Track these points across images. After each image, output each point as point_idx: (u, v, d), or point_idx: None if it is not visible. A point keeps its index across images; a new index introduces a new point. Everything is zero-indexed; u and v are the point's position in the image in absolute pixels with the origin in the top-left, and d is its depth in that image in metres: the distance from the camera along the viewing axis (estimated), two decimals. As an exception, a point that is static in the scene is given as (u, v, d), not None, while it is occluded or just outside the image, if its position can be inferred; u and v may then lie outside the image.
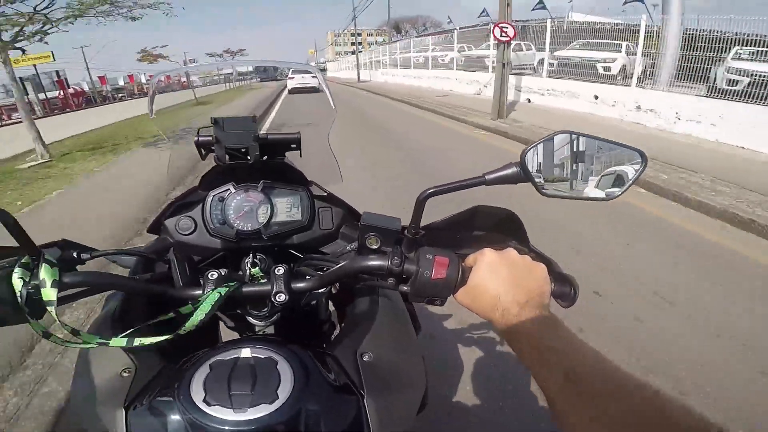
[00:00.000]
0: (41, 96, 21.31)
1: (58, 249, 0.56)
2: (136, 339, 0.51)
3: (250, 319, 0.64)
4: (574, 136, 0.52)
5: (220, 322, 0.77)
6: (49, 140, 7.37)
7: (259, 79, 50.46)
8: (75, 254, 0.57)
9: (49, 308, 0.47)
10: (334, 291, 0.78)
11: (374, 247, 0.56)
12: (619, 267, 2.58)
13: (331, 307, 0.84)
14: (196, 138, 0.73)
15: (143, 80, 40.13)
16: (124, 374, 0.52)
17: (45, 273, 0.48)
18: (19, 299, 0.47)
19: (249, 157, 0.70)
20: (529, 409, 1.53)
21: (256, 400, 0.42)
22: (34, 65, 19.65)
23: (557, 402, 0.38)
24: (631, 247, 2.88)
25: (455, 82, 14.26)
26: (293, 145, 0.75)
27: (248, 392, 0.43)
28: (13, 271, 0.47)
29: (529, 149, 0.50)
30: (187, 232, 0.72)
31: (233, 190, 0.71)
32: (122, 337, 0.52)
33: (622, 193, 0.54)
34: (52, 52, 10.04)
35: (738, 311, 2.13)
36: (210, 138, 0.71)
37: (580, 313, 2.01)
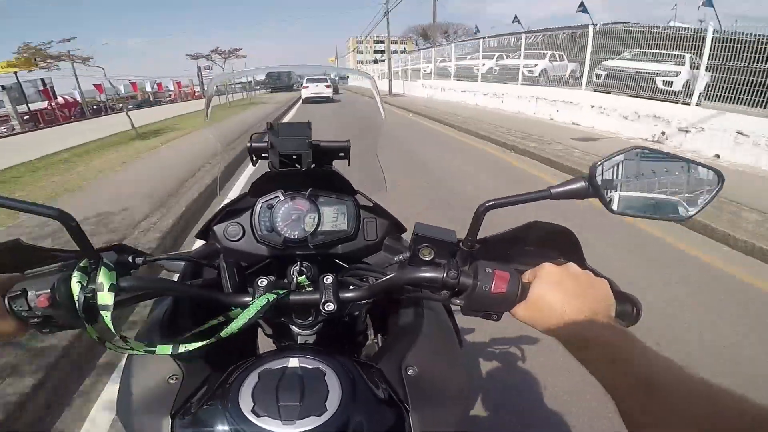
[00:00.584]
0: (22, 107, 18.56)
1: (114, 253, 0.56)
2: (180, 345, 0.51)
3: (293, 328, 0.64)
4: (646, 152, 0.50)
5: (259, 329, 0.77)
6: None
7: (269, 90, 40.46)
8: (130, 258, 0.58)
9: (103, 313, 0.47)
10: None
11: (427, 258, 0.56)
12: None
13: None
14: (249, 144, 0.73)
15: (148, 88, 38.20)
16: (171, 381, 0.52)
17: (103, 277, 0.48)
18: (77, 304, 0.47)
19: (301, 164, 0.70)
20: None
21: (305, 412, 0.41)
22: (15, 72, 17.82)
23: (632, 411, 0.37)
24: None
25: (590, 111, 8.05)
26: (341, 154, 0.75)
27: (297, 403, 0.42)
28: (72, 275, 0.48)
29: (599, 164, 0.49)
30: (235, 239, 0.73)
31: (282, 198, 0.71)
32: (167, 344, 0.52)
33: (696, 214, 0.51)
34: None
35: None
36: (264, 144, 0.72)
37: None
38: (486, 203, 0.51)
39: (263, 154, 0.73)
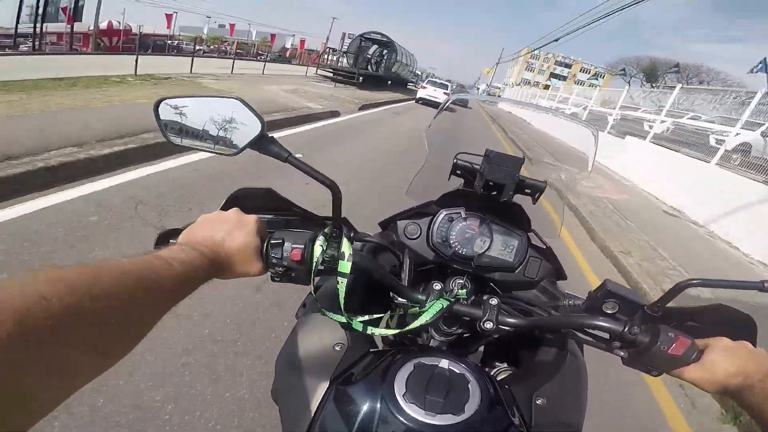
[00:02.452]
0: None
1: (345, 226, 0.65)
2: (369, 327, 0.59)
3: (432, 331, 0.69)
4: None
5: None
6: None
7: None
8: (351, 234, 0.67)
9: (340, 279, 0.55)
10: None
11: (610, 311, 0.60)
12: None
13: None
14: (455, 160, 0.80)
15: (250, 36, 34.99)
16: (337, 348, 0.58)
17: (345, 247, 0.56)
18: (314, 264, 0.55)
19: (502, 193, 0.74)
20: None
21: (446, 408, 0.46)
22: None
23: None
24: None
25: None
26: (527, 190, 0.78)
27: (441, 400, 0.47)
28: (317, 238, 0.57)
29: None
30: (412, 237, 0.82)
31: (463, 215, 0.79)
32: (361, 321, 0.59)
33: None
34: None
35: None
36: (468, 164, 0.79)
37: None
38: (689, 281, 0.53)
39: (458, 172, 0.80)
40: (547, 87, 25.28)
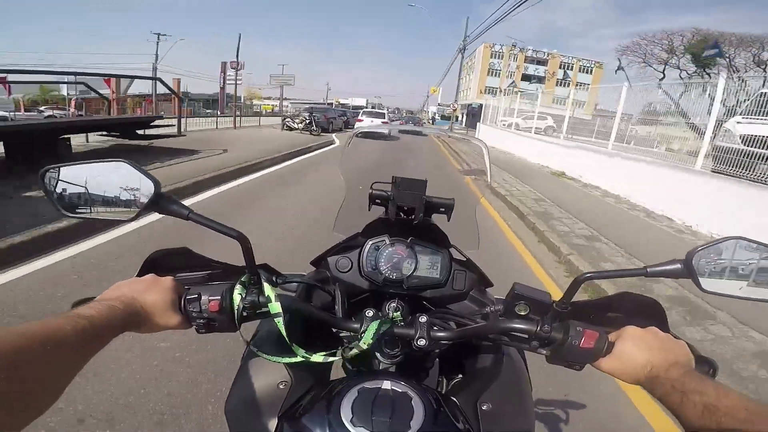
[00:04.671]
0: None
1: (265, 271, 0.67)
2: (312, 357, 0.60)
3: (378, 356, 0.70)
4: (747, 243, 0.55)
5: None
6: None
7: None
8: (274, 278, 0.69)
9: (276, 320, 0.57)
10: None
11: (522, 313, 0.64)
12: None
13: None
14: (371, 190, 0.83)
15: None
16: (281, 386, 0.59)
17: (268, 290, 0.59)
18: (236, 312, 0.58)
19: (414, 216, 0.79)
20: None
21: (393, 427, 0.48)
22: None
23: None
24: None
25: None
26: (441, 209, 0.83)
27: (387, 419, 0.49)
28: (235, 286, 0.59)
29: (697, 250, 0.54)
30: (344, 270, 0.84)
31: (387, 242, 0.82)
32: (320, 354, 0.60)
33: None
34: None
35: None
36: (385, 193, 0.82)
37: None
38: (584, 274, 0.58)
39: (377, 201, 0.83)
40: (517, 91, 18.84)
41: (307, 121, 16.65)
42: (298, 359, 0.59)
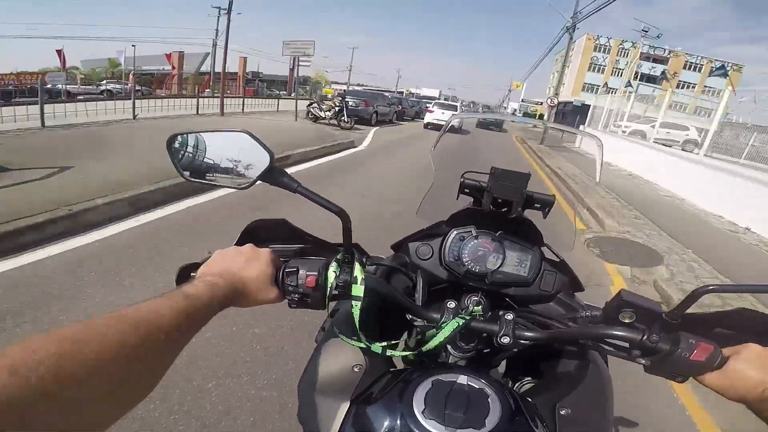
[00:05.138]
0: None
1: (357, 251, 0.67)
2: (388, 350, 0.60)
3: (450, 348, 0.69)
4: None
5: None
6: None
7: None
8: (364, 259, 0.69)
9: (354, 303, 0.58)
10: None
11: (627, 321, 0.60)
12: None
13: None
14: (462, 179, 0.81)
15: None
16: (355, 370, 0.59)
17: (358, 271, 0.59)
18: (328, 290, 0.58)
19: (511, 210, 0.76)
20: None
21: (467, 423, 0.46)
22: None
23: None
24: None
25: None
26: (537, 205, 0.79)
27: (461, 414, 0.47)
28: (330, 264, 0.59)
29: None
30: (424, 258, 0.83)
31: (474, 233, 0.79)
32: (379, 345, 0.60)
33: None
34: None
35: None
36: (475, 182, 0.80)
37: None
38: (706, 287, 0.53)
39: (466, 190, 0.80)
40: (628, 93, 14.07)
41: (337, 109, 12.47)
42: (379, 349, 0.59)
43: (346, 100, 12.99)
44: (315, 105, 13.41)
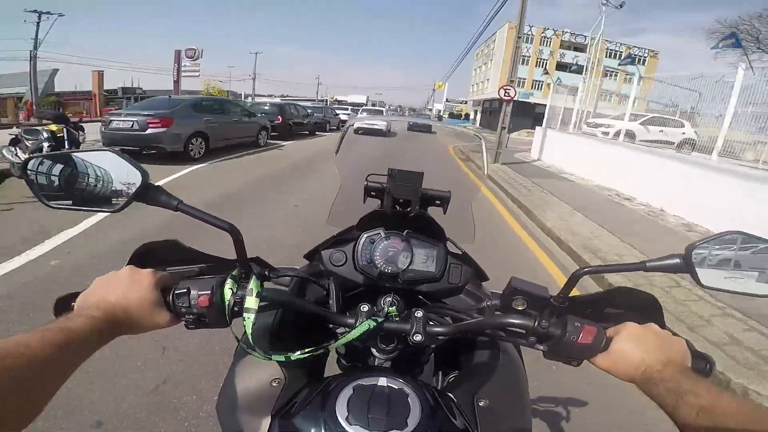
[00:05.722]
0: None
1: (256, 265, 0.66)
2: (292, 355, 0.58)
3: (374, 351, 0.70)
4: (747, 237, 0.54)
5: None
6: None
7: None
8: (266, 272, 0.68)
9: (246, 315, 0.56)
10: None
11: (520, 308, 0.63)
12: None
13: None
14: (366, 183, 0.82)
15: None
16: (274, 384, 0.58)
17: (253, 284, 0.57)
18: (227, 307, 0.56)
19: (410, 209, 0.78)
20: None
21: (390, 425, 0.47)
22: None
23: None
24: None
25: None
26: (437, 201, 0.82)
27: (383, 417, 0.48)
28: (226, 281, 0.58)
29: (696, 245, 0.54)
30: (338, 264, 0.83)
31: (383, 235, 0.80)
32: (280, 353, 0.58)
33: None
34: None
35: None
36: (380, 185, 0.81)
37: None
38: (583, 269, 0.57)
39: (372, 193, 0.81)
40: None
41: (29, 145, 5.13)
42: (282, 358, 0.58)
43: (111, 119, 7.24)
44: (17, 140, 5.47)
